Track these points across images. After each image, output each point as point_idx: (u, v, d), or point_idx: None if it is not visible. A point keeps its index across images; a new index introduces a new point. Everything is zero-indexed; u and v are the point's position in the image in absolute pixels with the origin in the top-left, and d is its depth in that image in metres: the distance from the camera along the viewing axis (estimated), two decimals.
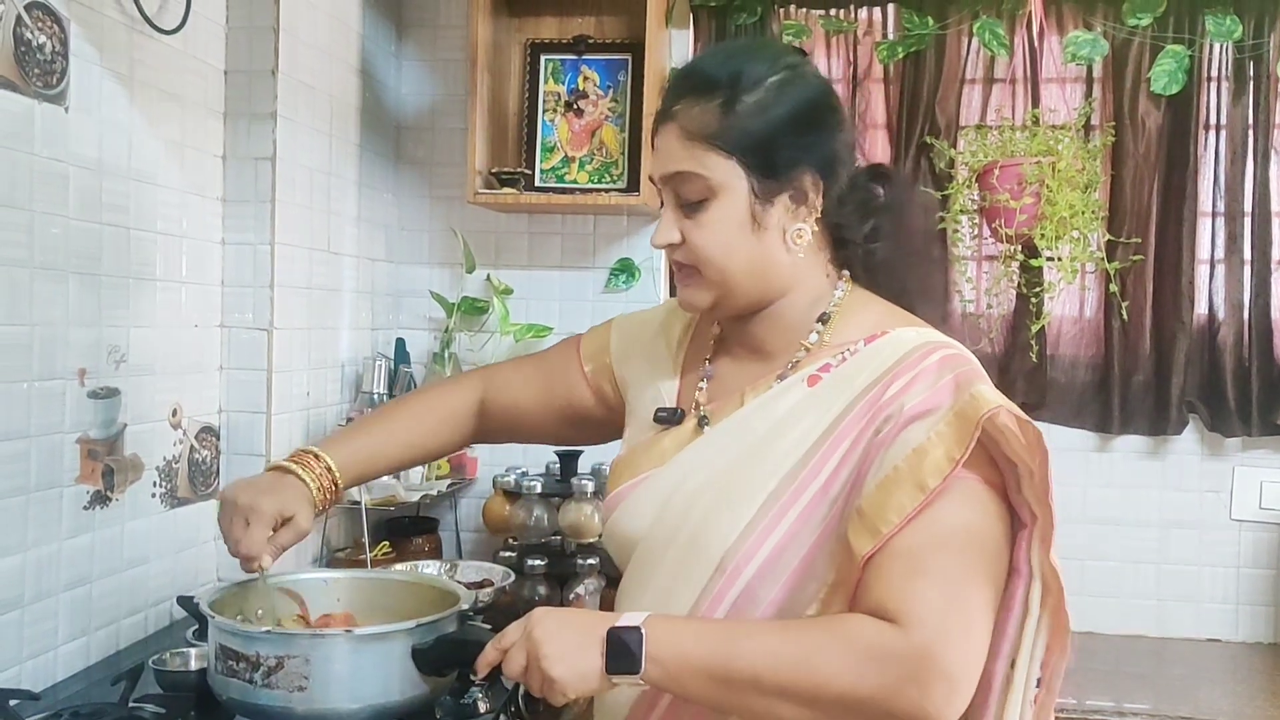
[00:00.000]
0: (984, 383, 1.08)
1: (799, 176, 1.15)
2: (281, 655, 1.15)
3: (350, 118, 2.36)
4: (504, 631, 1.11)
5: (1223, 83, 2.40)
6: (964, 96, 2.49)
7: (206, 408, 1.99)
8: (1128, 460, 2.49)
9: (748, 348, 1.24)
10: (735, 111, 1.13)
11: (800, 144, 1.15)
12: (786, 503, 1.10)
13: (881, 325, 1.17)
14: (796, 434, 1.13)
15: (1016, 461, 1.05)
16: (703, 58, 1.21)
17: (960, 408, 1.05)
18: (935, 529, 1.04)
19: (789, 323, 1.20)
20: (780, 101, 1.14)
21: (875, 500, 1.04)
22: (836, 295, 1.21)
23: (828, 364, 1.16)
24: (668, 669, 1.04)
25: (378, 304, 2.55)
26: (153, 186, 1.80)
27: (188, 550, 1.96)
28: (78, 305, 1.64)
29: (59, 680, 1.62)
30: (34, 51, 1.52)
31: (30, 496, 1.55)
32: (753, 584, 1.10)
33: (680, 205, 1.16)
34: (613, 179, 2.50)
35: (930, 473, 1.03)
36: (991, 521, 1.07)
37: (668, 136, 1.17)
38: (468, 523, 2.62)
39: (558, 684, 1.05)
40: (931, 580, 1.02)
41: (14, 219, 1.50)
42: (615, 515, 1.25)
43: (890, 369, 1.11)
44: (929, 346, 1.12)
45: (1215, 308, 2.43)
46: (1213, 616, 2.47)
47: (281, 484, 1.29)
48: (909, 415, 1.06)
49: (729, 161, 1.13)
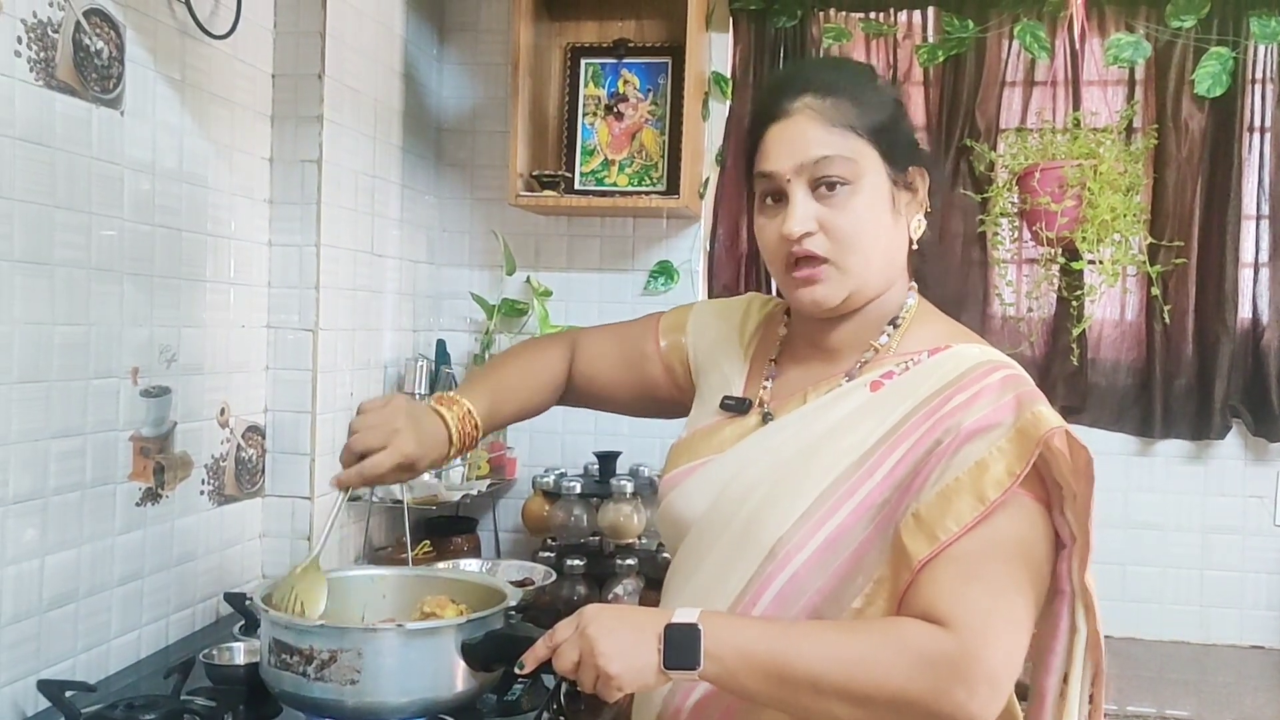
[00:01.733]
0: (1043, 404, 1.11)
1: (915, 168, 1.22)
2: (335, 649, 1.17)
3: (393, 121, 2.39)
4: (555, 627, 1.12)
5: (1267, 85, 2.38)
6: (1004, 99, 2.48)
7: (253, 407, 2.02)
8: (1170, 465, 2.47)
9: (817, 347, 1.26)
10: (863, 103, 1.18)
11: (912, 139, 1.24)
12: (841, 498, 1.13)
13: (945, 339, 1.21)
14: (856, 436, 1.16)
15: (1063, 483, 1.09)
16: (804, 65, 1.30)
17: (1022, 425, 1.08)
18: (990, 539, 1.07)
19: (867, 323, 1.23)
20: (892, 100, 1.23)
21: (935, 507, 1.07)
22: (909, 302, 1.25)
23: (891, 371, 1.19)
24: (726, 665, 1.05)
25: (419, 305, 2.58)
26: (203, 189, 1.84)
27: (234, 547, 1.99)
28: (131, 305, 1.67)
29: (111, 673, 1.66)
30: (92, 57, 1.56)
31: (86, 493, 1.59)
32: (801, 573, 1.12)
33: (815, 194, 1.17)
34: (652, 181, 2.51)
35: (991, 486, 1.06)
36: (1039, 537, 1.10)
37: (799, 126, 1.18)
38: (506, 523, 2.64)
39: (614, 680, 1.05)
40: (982, 586, 1.06)
41: (73, 221, 1.54)
42: (670, 498, 1.27)
43: (952, 383, 1.14)
44: (990, 365, 1.15)
45: (1259, 311, 2.40)
46: (1256, 623, 2.44)
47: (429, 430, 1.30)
48: (970, 430, 1.09)
49: (868, 147, 1.18)
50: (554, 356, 1.48)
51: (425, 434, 1.29)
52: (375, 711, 1.20)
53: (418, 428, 1.28)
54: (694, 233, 2.58)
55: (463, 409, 1.34)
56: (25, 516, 1.47)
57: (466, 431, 1.33)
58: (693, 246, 2.59)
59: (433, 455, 1.30)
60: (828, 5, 2.52)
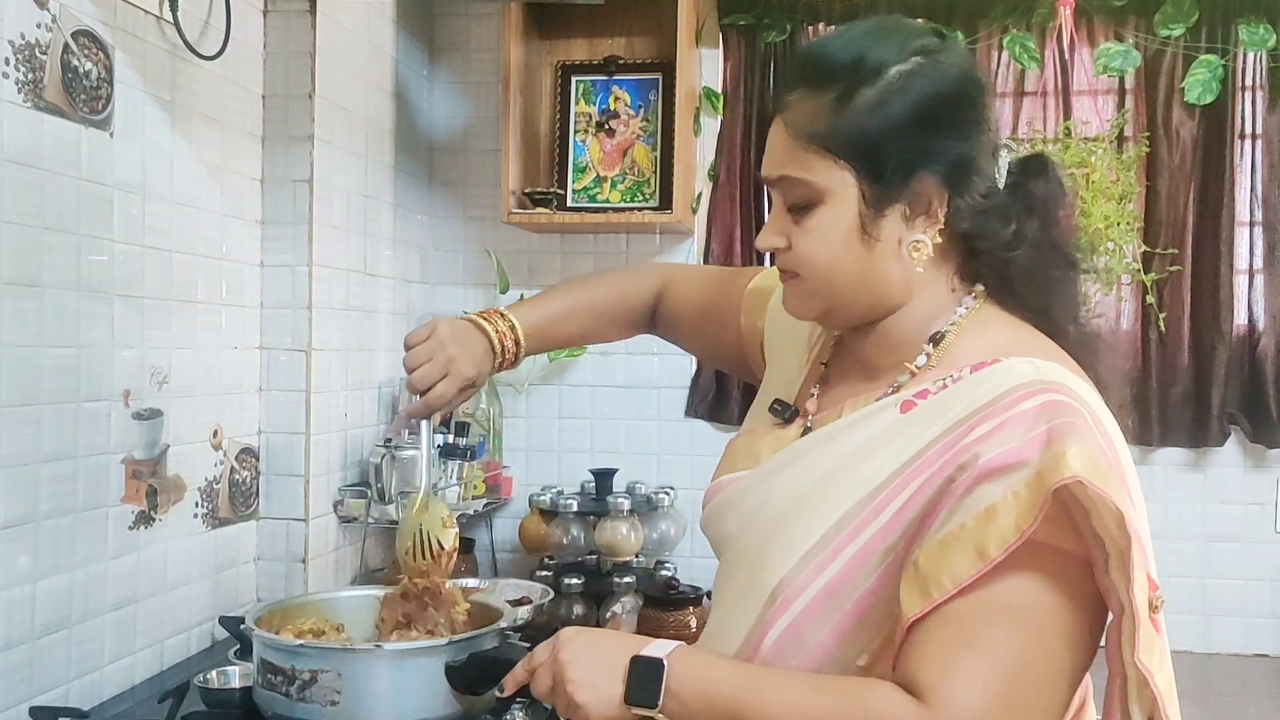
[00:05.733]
0: (1081, 440, 0.91)
1: (918, 184, 1.01)
2: (315, 669, 1.16)
3: (385, 140, 2.39)
4: (534, 650, 1.08)
5: (1257, 91, 2.39)
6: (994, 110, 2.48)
7: (246, 429, 2.01)
8: (1168, 473, 2.46)
9: (858, 361, 1.12)
10: (849, 108, 1.00)
11: (921, 148, 1.01)
12: (845, 539, 1.00)
13: (997, 351, 1.01)
14: (873, 465, 1.01)
15: (1105, 539, 0.90)
16: (827, 39, 1.07)
17: (1042, 468, 0.90)
18: (993, 601, 0.91)
19: (898, 341, 1.07)
20: (902, 96, 1.00)
21: (933, 558, 0.93)
22: (959, 312, 1.06)
23: (926, 390, 1.02)
24: (687, 705, 0.98)
25: (413, 325, 2.57)
26: (193, 210, 1.83)
27: (228, 570, 1.97)
28: (122, 327, 1.66)
29: (105, 699, 1.63)
30: (80, 78, 1.55)
31: (78, 516, 1.57)
32: (799, 621, 1.01)
33: (787, 209, 1.06)
34: (645, 197, 2.51)
35: (994, 540, 0.90)
36: (1067, 601, 0.92)
37: (776, 134, 1.06)
38: (503, 542, 2.63)
39: (581, 710, 1.01)
40: (977, 657, 0.91)
41: (62, 243, 1.53)
42: (706, 512, 1.20)
43: (984, 406, 0.96)
44: (1035, 386, 0.96)
45: (1255, 317, 2.40)
46: (1260, 631, 2.43)
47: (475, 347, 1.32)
48: (989, 466, 0.92)
49: (836, 166, 1.01)
50: (643, 289, 1.47)
51: (475, 352, 1.31)
52: None
53: (466, 347, 1.30)
54: (688, 248, 2.58)
55: (506, 324, 1.34)
56: (16, 541, 1.45)
57: (507, 347, 1.34)
58: (686, 261, 2.58)
59: (484, 369, 1.32)
60: (818, 19, 2.52)
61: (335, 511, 2.15)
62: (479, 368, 1.31)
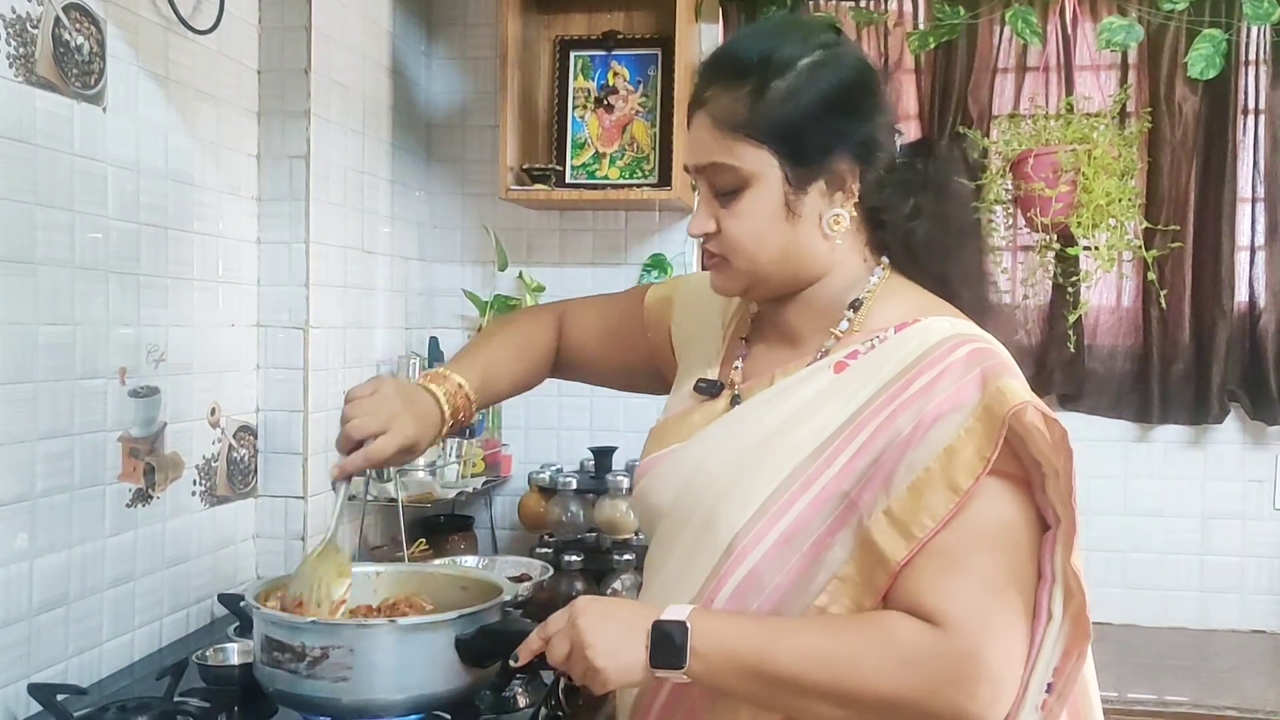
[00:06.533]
0: (1012, 377, 1.05)
1: (834, 163, 1.12)
2: (326, 645, 1.15)
3: (382, 116, 2.37)
4: (548, 620, 1.10)
5: (1261, 66, 2.37)
6: (996, 85, 2.47)
7: (244, 407, 2.00)
8: (1168, 450, 2.46)
9: (781, 331, 1.22)
10: (765, 99, 1.10)
11: (834, 130, 1.11)
12: (799, 490, 1.08)
13: (914, 313, 1.14)
14: (817, 422, 1.10)
15: (1041, 461, 1.02)
16: (735, 40, 1.17)
17: (988, 403, 1.02)
18: (970, 528, 1.02)
19: (820, 308, 1.18)
20: (812, 86, 1.10)
21: (907, 503, 1.02)
22: (872, 281, 1.17)
23: (856, 351, 1.13)
24: (711, 664, 1.03)
25: (411, 303, 2.56)
26: (189, 186, 1.82)
27: (227, 548, 1.97)
28: (118, 305, 1.65)
29: (104, 676, 1.64)
30: (72, 53, 1.54)
31: (75, 494, 1.57)
32: (758, 568, 1.08)
33: (715, 195, 1.15)
34: (644, 174, 2.50)
35: (963, 473, 1.01)
36: (1024, 520, 1.04)
37: (699, 126, 1.14)
38: (503, 520, 2.63)
39: (601, 675, 1.04)
40: (969, 580, 1.01)
41: (56, 219, 1.51)
42: (640, 487, 1.25)
43: (916, 361, 1.08)
44: (958, 339, 1.09)
45: (1256, 295, 2.40)
46: (1257, 608, 2.43)
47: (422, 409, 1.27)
48: (935, 413, 1.03)
49: (760, 150, 1.10)
50: (543, 328, 1.46)
51: (421, 414, 1.27)
52: (369, 708, 1.19)
53: (413, 408, 1.26)
54: (687, 225, 2.56)
55: (453, 384, 1.31)
56: (13, 519, 1.45)
57: (459, 406, 1.31)
58: (685, 239, 2.57)
59: (430, 434, 1.28)
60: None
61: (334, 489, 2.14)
62: (423, 430, 1.26)
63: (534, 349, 1.44)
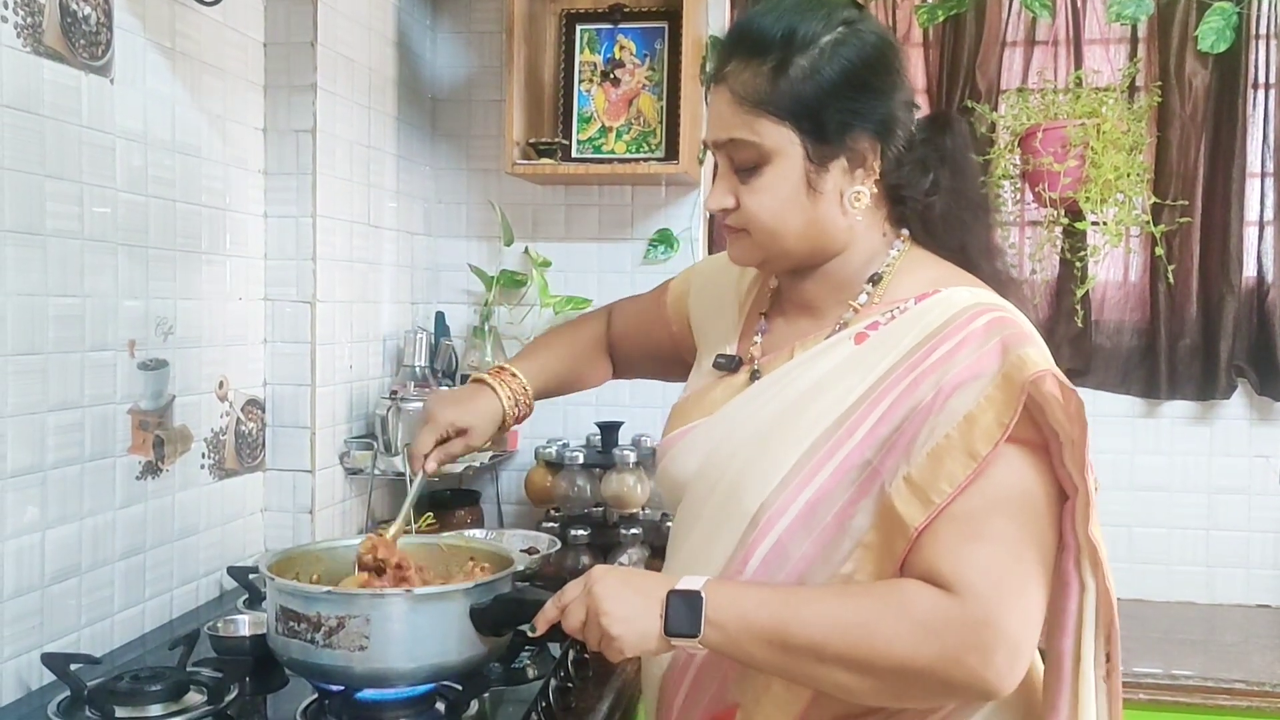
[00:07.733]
0: (1032, 345, 1.06)
1: (855, 140, 1.12)
2: (343, 615, 1.16)
3: (387, 90, 2.36)
4: (564, 588, 1.11)
5: (1271, 40, 2.36)
6: (1005, 59, 2.45)
7: (252, 380, 2.01)
8: (1175, 426, 2.46)
9: (800, 305, 1.23)
10: (787, 75, 1.10)
11: (855, 108, 1.12)
12: (822, 459, 1.09)
13: (934, 284, 1.15)
14: (838, 391, 1.11)
15: (1059, 430, 1.03)
16: (756, 13, 1.16)
17: (1008, 371, 1.03)
18: (988, 494, 1.02)
19: (839, 282, 1.19)
20: (835, 63, 1.11)
21: (926, 469, 1.03)
22: (891, 254, 1.19)
23: (876, 322, 1.14)
24: (727, 633, 1.04)
25: (417, 278, 2.56)
26: (196, 159, 1.81)
27: (235, 521, 1.97)
28: (127, 277, 1.65)
29: (115, 647, 1.64)
30: (80, 23, 1.53)
31: (85, 466, 1.57)
32: (784, 539, 1.09)
33: (735, 170, 1.15)
34: (650, 148, 2.48)
35: (981, 440, 1.02)
36: (1041, 487, 1.05)
37: (719, 101, 1.15)
38: (509, 495, 2.63)
39: (616, 642, 1.05)
40: (987, 546, 1.01)
41: (64, 190, 1.51)
42: (664, 463, 1.26)
43: (937, 330, 1.09)
44: (979, 308, 1.09)
45: (1264, 270, 2.39)
46: (1263, 582, 2.43)
47: (472, 398, 1.40)
48: (955, 381, 1.04)
49: (781, 127, 1.11)
50: (595, 327, 1.56)
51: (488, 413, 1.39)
52: (383, 677, 1.20)
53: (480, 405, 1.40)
54: (693, 200, 2.56)
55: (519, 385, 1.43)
56: (24, 490, 1.45)
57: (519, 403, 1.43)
58: (692, 214, 2.56)
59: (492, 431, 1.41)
60: None
61: (341, 463, 2.15)
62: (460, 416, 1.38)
63: (589, 347, 1.55)
